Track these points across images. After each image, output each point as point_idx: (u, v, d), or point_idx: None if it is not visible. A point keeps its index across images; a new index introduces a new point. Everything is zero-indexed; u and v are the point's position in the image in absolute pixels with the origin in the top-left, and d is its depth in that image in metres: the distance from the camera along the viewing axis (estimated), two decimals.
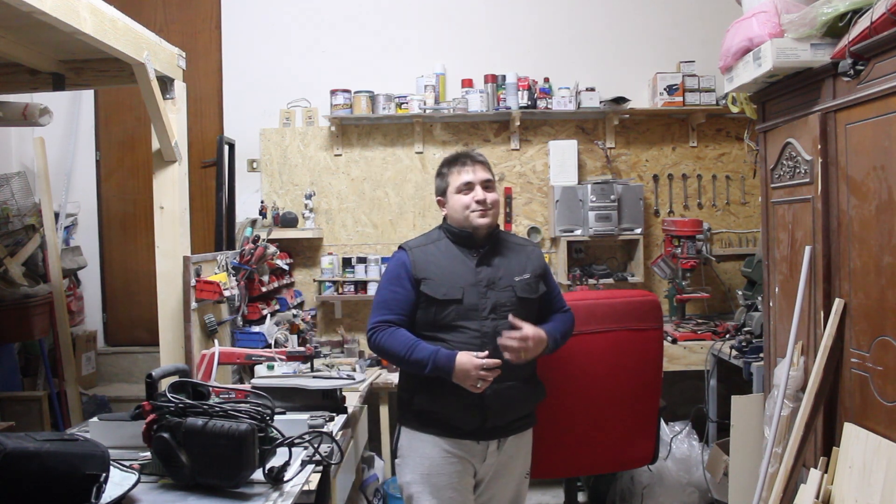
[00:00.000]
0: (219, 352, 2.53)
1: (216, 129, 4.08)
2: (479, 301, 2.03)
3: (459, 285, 2.04)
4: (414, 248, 2.13)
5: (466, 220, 2.10)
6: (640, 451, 2.72)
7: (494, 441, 2.08)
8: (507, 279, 2.08)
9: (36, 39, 2.36)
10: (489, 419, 2.03)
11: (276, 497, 1.54)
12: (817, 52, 2.11)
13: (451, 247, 2.12)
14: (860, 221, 1.99)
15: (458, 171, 2.13)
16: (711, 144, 4.12)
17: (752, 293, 3.39)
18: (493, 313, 2.03)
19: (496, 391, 1.99)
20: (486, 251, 2.11)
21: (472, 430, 2.04)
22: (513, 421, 2.10)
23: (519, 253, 2.16)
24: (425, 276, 2.05)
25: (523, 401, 2.10)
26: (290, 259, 3.94)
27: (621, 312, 2.59)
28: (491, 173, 2.18)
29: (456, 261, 2.09)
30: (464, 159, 2.15)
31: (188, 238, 2.74)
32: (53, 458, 1.33)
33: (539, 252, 2.25)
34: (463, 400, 1.99)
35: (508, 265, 2.11)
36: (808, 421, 2.09)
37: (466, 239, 2.11)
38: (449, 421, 2.04)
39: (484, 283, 2.05)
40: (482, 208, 2.08)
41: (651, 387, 2.66)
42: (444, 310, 2.03)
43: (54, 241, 3.59)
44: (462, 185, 2.11)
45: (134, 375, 4.05)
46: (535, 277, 2.13)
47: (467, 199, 2.09)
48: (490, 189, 2.13)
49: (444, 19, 4.12)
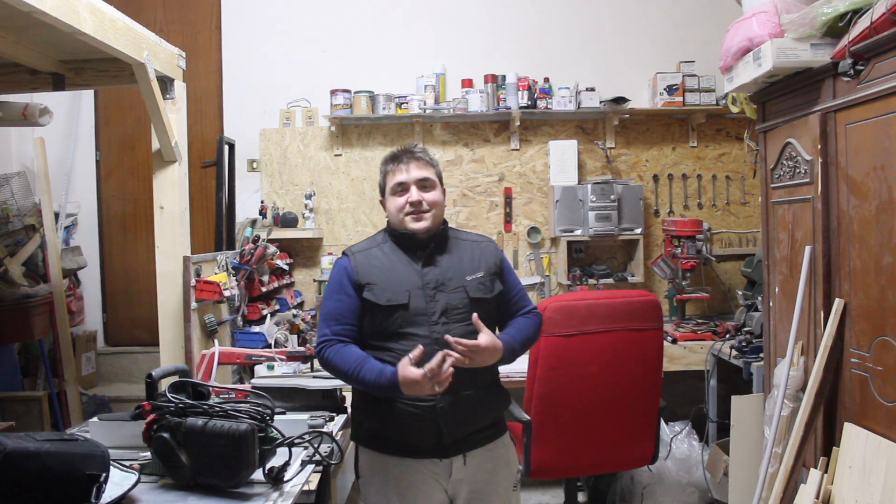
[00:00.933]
0: (219, 352, 2.53)
1: (216, 129, 4.08)
2: (427, 305, 1.86)
3: (405, 289, 1.87)
4: (356, 252, 1.98)
5: (402, 224, 1.94)
6: (640, 451, 2.72)
7: (458, 457, 1.89)
8: (457, 279, 1.91)
9: (36, 39, 2.36)
10: (446, 434, 1.84)
11: (276, 497, 1.54)
12: (817, 52, 2.11)
13: (396, 249, 1.96)
14: (860, 221, 1.99)
15: (393, 171, 1.97)
16: (711, 144, 4.12)
17: (752, 293, 3.39)
18: (444, 317, 1.86)
19: (450, 402, 1.82)
20: (432, 250, 1.94)
21: (429, 448, 1.86)
22: (474, 433, 1.91)
23: (471, 250, 1.99)
24: (368, 282, 1.90)
25: (483, 410, 1.92)
26: (290, 259, 3.94)
27: (621, 312, 2.59)
28: (432, 170, 1.99)
29: (400, 263, 1.93)
30: (399, 157, 1.98)
31: (188, 238, 2.75)
32: (53, 458, 1.33)
33: (494, 248, 2.04)
34: (415, 417, 1.83)
35: (459, 264, 1.94)
36: (808, 421, 2.09)
37: (409, 240, 1.95)
38: (404, 439, 1.87)
39: (432, 286, 1.88)
40: (415, 211, 1.92)
41: (651, 387, 2.66)
42: (390, 316, 1.86)
43: (54, 241, 3.59)
44: (395, 186, 1.96)
45: (134, 375, 4.05)
46: (489, 276, 1.95)
47: (401, 201, 1.94)
48: (428, 188, 1.95)
49: (444, 19, 4.12)
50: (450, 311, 1.87)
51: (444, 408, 1.82)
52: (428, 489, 1.89)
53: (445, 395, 1.81)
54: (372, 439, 1.95)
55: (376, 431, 1.92)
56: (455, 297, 1.89)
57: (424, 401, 1.82)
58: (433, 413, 1.82)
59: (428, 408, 1.82)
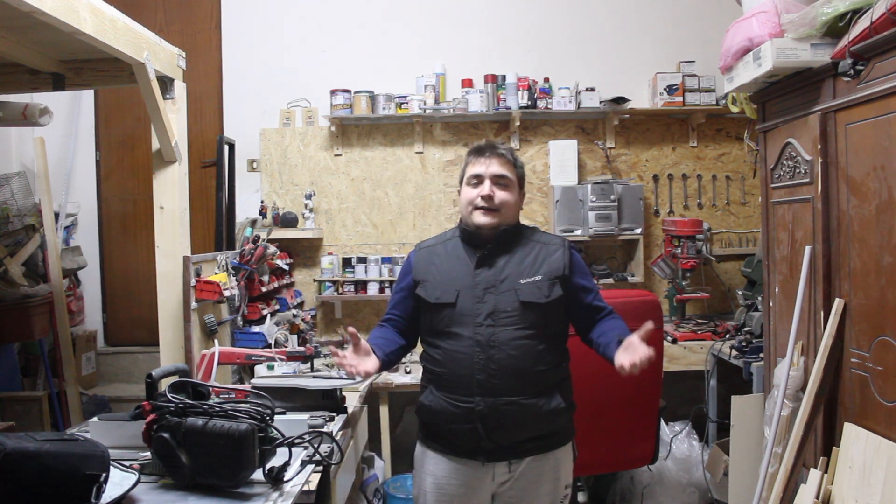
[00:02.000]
0: (219, 352, 2.53)
1: (216, 129, 4.08)
2: (473, 306, 1.83)
3: (455, 288, 1.86)
4: (422, 248, 2.01)
5: (469, 217, 1.91)
6: (640, 451, 2.72)
7: (503, 463, 1.85)
8: (510, 281, 1.85)
9: (36, 39, 2.36)
10: (485, 439, 1.81)
11: (276, 497, 1.54)
12: (817, 52, 2.11)
13: (459, 246, 1.94)
14: (860, 221, 1.99)
15: (473, 163, 1.94)
16: (711, 144, 4.12)
17: (752, 293, 3.39)
18: (490, 319, 1.82)
19: (491, 407, 1.79)
20: (490, 251, 1.89)
21: (470, 450, 1.85)
22: (522, 441, 1.85)
23: (536, 252, 1.90)
24: (423, 279, 1.92)
25: (529, 419, 1.83)
26: (290, 259, 3.94)
27: (621, 312, 2.56)
28: (514, 170, 1.94)
29: (458, 262, 1.91)
30: (482, 150, 1.94)
31: (188, 238, 2.74)
32: (53, 458, 1.33)
33: (562, 252, 1.91)
34: (454, 416, 1.82)
35: (518, 266, 1.87)
36: (808, 421, 2.09)
37: (472, 237, 1.92)
38: (447, 437, 1.88)
39: (482, 286, 1.84)
40: (485, 206, 1.88)
41: (651, 387, 2.66)
42: (439, 314, 1.87)
43: (54, 241, 3.59)
44: (471, 177, 1.92)
45: (134, 375, 4.05)
46: (548, 280, 1.86)
47: (473, 193, 1.90)
48: (504, 187, 1.90)
49: (444, 19, 4.12)
50: (497, 313, 1.83)
51: (483, 411, 1.80)
52: (467, 490, 1.89)
53: (485, 399, 1.80)
54: (424, 432, 1.98)
55: (426, 426, 1.96)
56: (504, 299, 1.84)
57: (464, 402, 1.82)
58: (471, 415, 1.81)
59: (467, 409, 1.81)
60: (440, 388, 1.87)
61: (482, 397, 1.80)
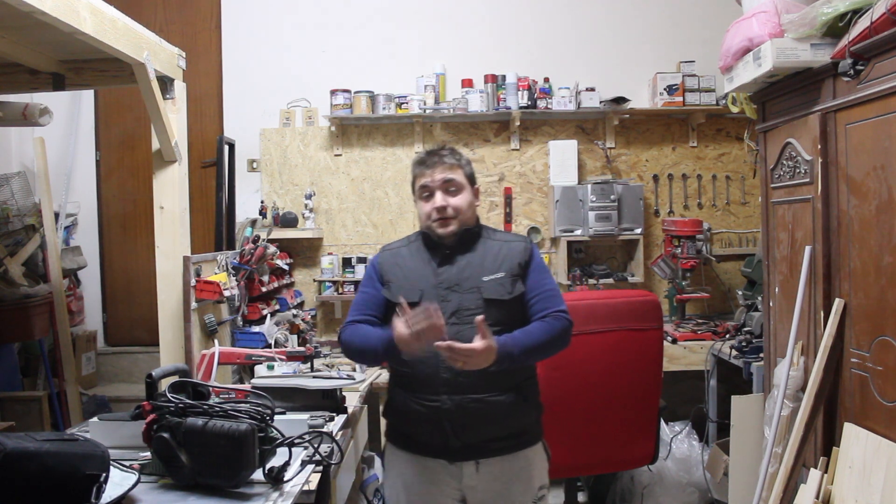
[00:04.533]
0: (219, 352, 2.53)
1: (216, 129, 4.08)
2: (438, 304, 1.78)
3: (418, 288, 1.87)
4: (387, 250, 2.03)
5: (430, 230, 1.94)
6: (640, 451, 2.72)
7: (470, 463, 1.85)
8: (473, 280, 1.86)
9: (36, 39, 2.36)
10: (452, 437, 1.82)
11: (276, 497, 1.53)
12: (817, 52, 2.11)
13: (422, 248, 1.97)
14: (860, 221, 1.99)
15: (419, 175, 1.95)
16: (711, 144, 4.12)
17: (752, 293, 3.39)
18: (455, 317, 1.82)
19: (457, 405, 1.80)
20: (452, 250, 1.92)
21: (438, 449, 1.85)
22: (489, 440, 1.85)
23: (496, 250, 1.93)
24: (389, 280, 1.95)
25: (497, 418, 1.83)
26: (290, 259, 3.94)
27: (621, 312, 2.59)
28: (460, 171, 1.94)
29: (420, 262, 1.94)
30: (425, 160, 1.94)
31: (188, 238, 2.74)
32: (53, 458, 1.33)
33: (523, 247, 1.94)
34: (421, 415, 1.84)
35: (479, 264, 1.89)
36: (808, 421, 2.09)
37: (434, 241, 1.95)
38: (414, 437, 1.90)
39: (445, 285, 1.86)
40: (441, 217, 1.90)
41: (651, 387, 2.66)
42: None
43: (54, 241, 3.59)
44: (421, 190, 1.94)
45: (134, 375, 4.05)
46: (510, 276, 1.88)
47: (428, 207, 1.92)
48: (454, 192, 1.92)
49: (444, 19, 4.12)
50: (461, 311, 1.84)
51: (450, 409, 1.81)
52: (436, 489, 1.89)
53: (451, 397, 1.80)
54: (392, 434, 2.01)
55: (394, 427, 1.99)
56: (468, 297, 1.85)
57: (430, 400, 1.83)
58: (437, 413, 1.82)
59: (433, 407, 1.83)
60: (407, 388, 1.89)
61: (448, 395, 1.81)
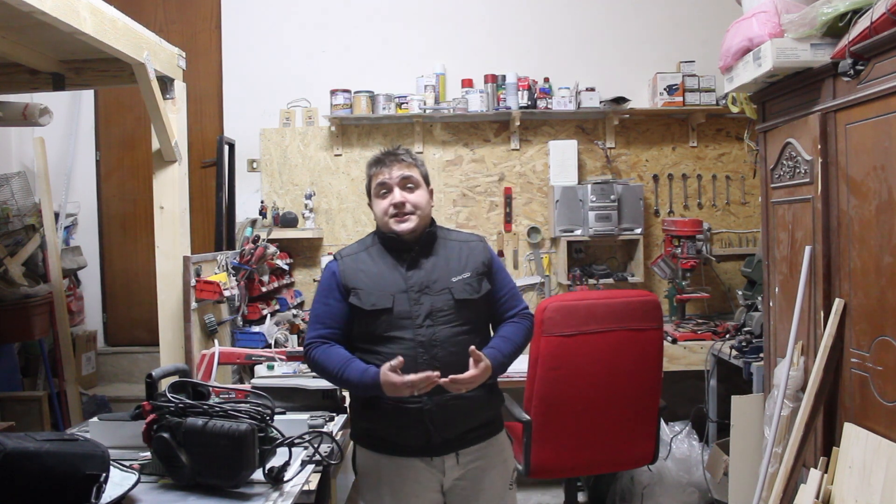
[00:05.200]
0: (219, 352, 2.53)
1: (216, 129, 4.08)
2: (411, 308, 1.86)
3: (389, 293, 1.88)
4: (345, 256, 1.99)
5: (387, 227, 1.94)
6: (640, 451, 2.72)
7: (451, 455, 1.90)
8: (442, 281, 1.90)
9: (36, 39, 2.37)
10: (434, 434, 1.85)
11: (276, 497, 1.54)
12: (817, 52, 2.11)
13: (382, 252, 1.96)
14: (860, 221, 1.99)
15: (376, 173, 1.98)
16: (711, 144, 4.12)
17: (752, 293, 3.39)
18: (429, 319, 1.86)
19: (438, 404, 1.83)
20: (417, 253, 1.94)
21: (420, 448, 1.88)
22: (466, 432, 1.91)
23: (458, 250, 1.97)
24: (354, 287, 1.91)
25: (472, 411, 1.90)
26: (290, 259, 3.94)
27: (621, 312, 2.59)
28: (416, 168, 1.98)
29: (386, 267, 1.93)
30: (382, 159, 1.98)
31: (188, 238, 2.75)
32: (53, 458, 1.33)
33: (483, 247, 2.02)
34: (401, 417, 1.85)
35: (445, 265, 1.93)
36: (808, 421, 2.09)
37: (395, 242, 1.95)
38: (394, 440, 1.90)
39: (416, 288, 1.88)
40: (399, 212, 1.92)
41: (651, 387, 2.66)
42: (376, 320, 1.87)
43: (54, 241, 3.59)
44: (378, 188, 1.96)
45: (134, 375, 4.06)
46: (476, 276, 1.93)
47: (385, 203, 1.94)
48: (412, 189, 1.95)
49: (444, 19, 4.12)
50: (435, 313, 1.87)
51: (432, 409, 1.83)
52: (420, 488, 1.91)
53: (433, 397, 1.82)
54: (366, 438, 1.97)
55: (369, 430, 1.95)
56: (440, 299, 1.89)
57: (412, 402, 1.83)
58: (420, 414, 1.84)
59: (415, 409, 1.84)
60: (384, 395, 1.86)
61: (429, 396, 1.82)
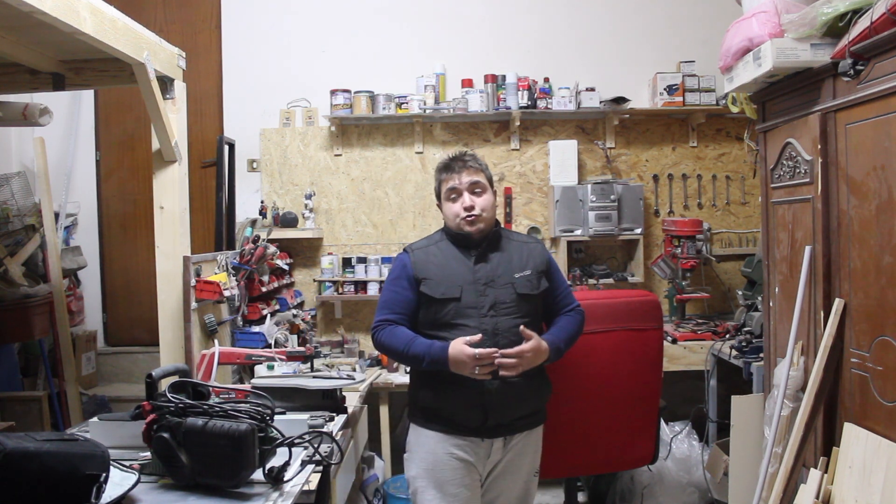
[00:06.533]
0: (219, 352, 2.53)
1: (216, 129, 4.08)
2: (477, 299, 2.04)
3: (458, 284, 2.05)
4: (416, 249, 2.17)
5: (458, 228, 2.13)
6: (640, 451, 2.72)
7: (500, 439, 2.07)
8: (506, 276, 2.08)
9: (36, 39, 2.37)
10: (491, 417, 2.02)
11: (276, 497, 1.54)
12: (817, 52, 2.11)
13: (451, 247, 2.15)
14: (860, 221, 1.99)
15: (447, 179, 2.15)
16: (711, 144, 4.12)
17: (752, 293, 3.39)
18: (493, 310, 2.04)
19: (498, 388, 1.99)
20: (484, 249, 2.12)
21: (474, 428, 2.04)
22: (518, 419, 2.09)
23: (520, 249, 2.16)
24: (425, 277, 2.08)
25: (527, 398, 2.08)
26: (290, 259, 3.94)
27: (621, 312, 2.58)
28: (482, 173, 2.16)
29: (454, 260, 2.11)
30: (452, 165, 2.16)
31: (188, 238, 2.75)
32: (53, 458, 1.33)
33: (542, 248, 2.23)
34: (464, 397, 2.01)
35: (508, 262, 2.12)
36: (808, 421, 2.09)
37: (463, 239, 2.13)
38: (451, 417, 2.05)
39: (482, 281, 2.06)
40: (470, 216, 2.10)
41: (651, 387, 2.66)
42: (444, 308, 2.05)
43: (54, 241, 3.59)
44: (449, 192, 2.14)
45: (134, 375, 4.06)
46: (536, 273, 2.12)
47: (456, 207, 2.12)
48: (480, 193, 2.13)
49: (444, 19, 4.12)
50: (498, 305, 2.04)
51: (492, 391, 1.99)
52: (466, 464, 2.06)
53: (494, 380, 1.98)
54: (422, 414, 2.12)
55: (427, 408, 2.09)
56: (503, 292, 2.06)
57: (475, 383, 1.98)
58: (482, 396, 1.99)
59: (477, 389, 1.98)
60: (448, 373, 1.99)
61: (492, 378, 1.98)
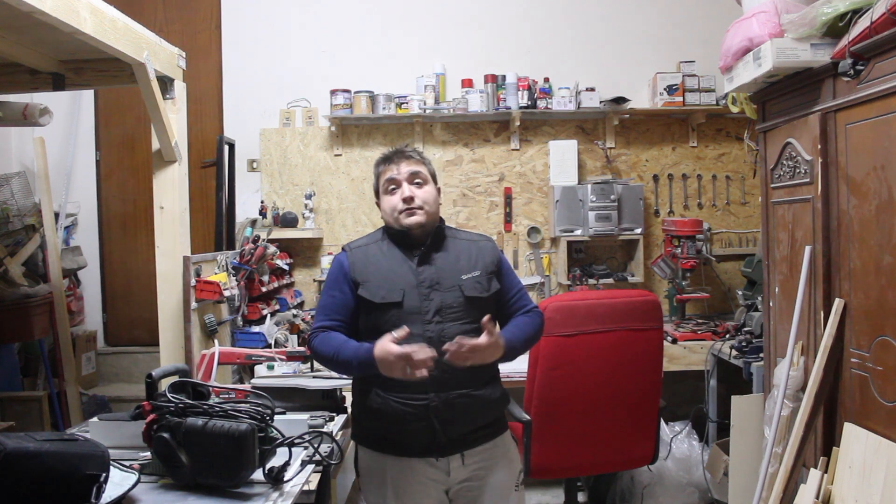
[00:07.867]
0: (219, 352, 2.53)
1: (216, 129, 4.08)
2: (421, 303, 1.85)
3: (399, 287, 1.87)
4: (354, 248, 1.99)
5: (397, 222, 1.94)
6: (640, 451, 2.72)
7: (456, 456, 1.88)
8: (452, 278, 1.90)
9: (36, 39, 2.36)
10: (440, 432, 1.83)
11: (276, 497, 1.54)
12: (817, 52, 2.11)
13: (392, 247, 1.96)
14: (860, 221, 1.99)
15: (384, 170, 1.98)
16: (711, 144, 4.12)
17: (752, 293, 3.39)
18: (438, 315, 1.85)
19: (444, 401, 1.81)
20: (428, 248, 1.93)
21: (425, 447, 1.85)
22: (471, 431, 1.89)
23: (468, 249, 1.98)
24: (364, 279, 1.90)
25: (479, 410, 1.89)
26: (290, 259, 3.94)
27: (621, 312, 2.59)
28: (425, 165, 1.99)
29: (396, 261, 1.92)
30: (390, 157, 1.99)
31: (188, 238, 2.74)
32: (53, 458, 1.33)
33: (492, 247, 2.03)
34: (407, 415, 1.82)
35: (455, 263, 1.93)
36: (808, 421, 2.09)
37: (405, 238, 1.94)
38: (398, 439, 1.87)
39: (426, 284, 1.88)
40: (408, 207, 1.92)
41: (651, 387, 2.66)
42: (385, 314, 1.86)
43: (54, 241, 3.59)
44: (387, 184, 1.96)
45: (134, 375, 4.06)
46: (486, 274, 1.94)
47: (394, 199, 1.94)
48: (421, 184, 1.95)
49: (444, 19, 4.12)
50: (444, 309, 1.86)
51: (438, 406, 1.81)
52: (425, 489, 1.88)
53: (438, 394, 1.81)
54: (369, 438, 1.95)
55: (373, 430, 1.93)
56: (450, 296, 1.88)
57: (417, 399, 1.81)
58: (426, 411, 1.81)
59: (421, 406, 1.81)
60: (389, 389, 1.83)
61: (436, 393, 1.81)
